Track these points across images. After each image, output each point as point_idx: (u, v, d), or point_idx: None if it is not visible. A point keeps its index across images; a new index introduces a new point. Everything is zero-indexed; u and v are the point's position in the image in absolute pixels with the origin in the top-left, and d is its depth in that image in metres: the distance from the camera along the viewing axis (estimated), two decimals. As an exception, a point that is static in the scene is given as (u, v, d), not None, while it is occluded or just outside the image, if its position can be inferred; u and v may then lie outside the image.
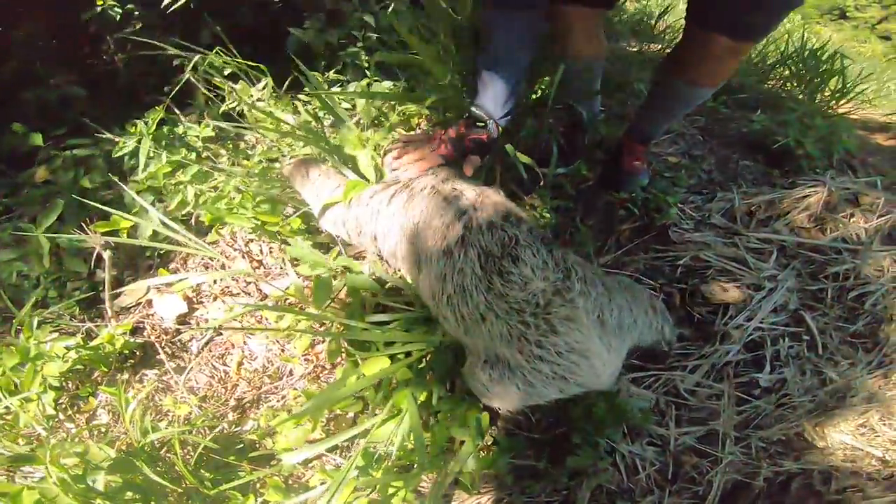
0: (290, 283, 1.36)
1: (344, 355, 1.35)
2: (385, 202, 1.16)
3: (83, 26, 2.21)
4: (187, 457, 1.30)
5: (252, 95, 1.77)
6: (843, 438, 1.21)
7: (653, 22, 3.10)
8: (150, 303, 1.62)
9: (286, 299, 1.48)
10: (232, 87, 1.83)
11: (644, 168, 1.67)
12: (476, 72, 1.36)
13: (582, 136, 1.69)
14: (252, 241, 1.66)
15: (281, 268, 1.61)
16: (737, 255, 1.53)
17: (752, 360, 1.35)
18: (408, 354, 1.19)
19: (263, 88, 1.78)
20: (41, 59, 2.22)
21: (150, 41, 1.91)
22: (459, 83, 1.63)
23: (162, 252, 1.68)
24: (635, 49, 2.88)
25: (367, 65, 2.08)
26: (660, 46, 2.88)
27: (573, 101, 1.65)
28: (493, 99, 1.34)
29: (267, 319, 1.49)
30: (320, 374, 1.44)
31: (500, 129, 1.38)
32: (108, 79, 2.26)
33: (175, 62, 2.08)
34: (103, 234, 1.51)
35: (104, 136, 1.85)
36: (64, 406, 1.48)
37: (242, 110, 1.84)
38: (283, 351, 1.48)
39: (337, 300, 1.32)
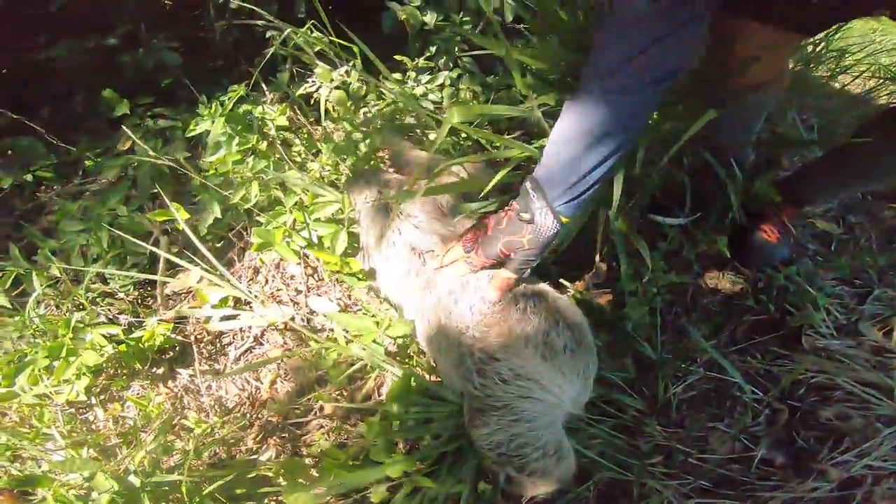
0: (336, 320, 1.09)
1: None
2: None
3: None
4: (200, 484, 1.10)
5: (332, 80, 1.49)
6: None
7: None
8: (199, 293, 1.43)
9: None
10: (319, 65, 1.56)
11: (788, 239, 1.19)
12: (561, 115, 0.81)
13: (719, 189, 1.18)
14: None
15: (336, 282, 1.35)
16: (879, 382, 1.09)
17: (839, 498, 1.00)
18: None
19: (347, 73, 1.49)
20: (147, 23, 2.10)
21: (246, 5, 1.68)
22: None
23: (219, 244, 1.48)
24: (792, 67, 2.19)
25: (458, 52, 1.73)
26: (826, 73, 2.15)
27: (723, 143, 1.13)
28: (563, 169, 0.79)
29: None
30: (350, 416, 1.17)
31: (563, 221, 0.83)
32: (205, 46, 2.10)
33: (268, 34, 1.87)
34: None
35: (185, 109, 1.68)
36: (98, 390, 1.34)
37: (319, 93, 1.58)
38: (319, 381, 1.22)
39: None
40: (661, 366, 1.10)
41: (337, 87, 1.49)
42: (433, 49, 1.75)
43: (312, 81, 1.53)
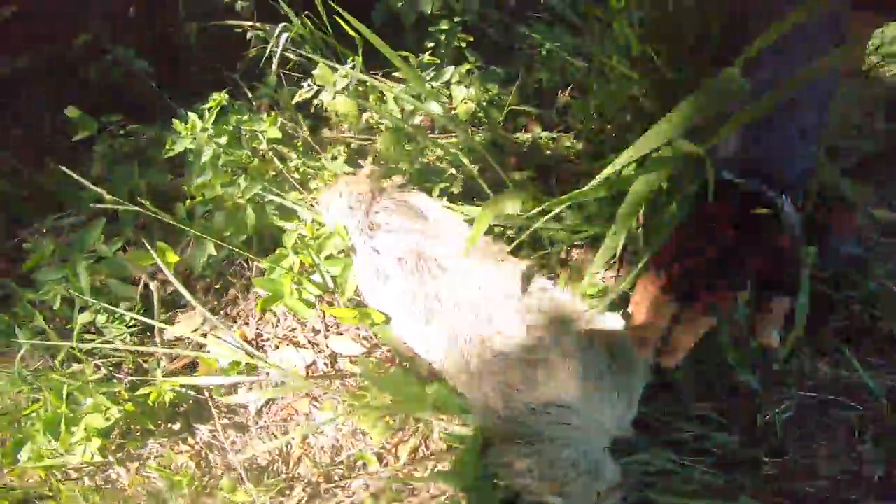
0: (365, 366, 0.88)
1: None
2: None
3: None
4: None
5: (335, 83, 1.23)
6: None
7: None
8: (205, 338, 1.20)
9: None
10: (320, 64, 1.28)
11: (856, 231, 0.99)
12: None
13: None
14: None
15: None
16: None
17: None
18: None
19: (347, 75, 1.23)
20: (114, 30, 1.78)
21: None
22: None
23: (219, 285, 1.24)
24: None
25: (463, 44, 1.47)
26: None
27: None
28: (794, 146, 0.55)
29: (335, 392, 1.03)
30: (400, 473, 0.97)
31: (798, 205, 0.56)
32: (181, 52, 1.79)
33: (248, 35, 1.59)
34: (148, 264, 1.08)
35: (162, 126, 1.40)
36: (114, 447, 1.13)
37: (320, 100, 1.31)
38: (354, 433, 1.02)
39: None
40: (756, 389, 0.91)
41: (339, 92, 1.22)
42: (432, 44, 1.46)
43: (309, 85, 1.26)
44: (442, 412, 0.83)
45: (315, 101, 1.30)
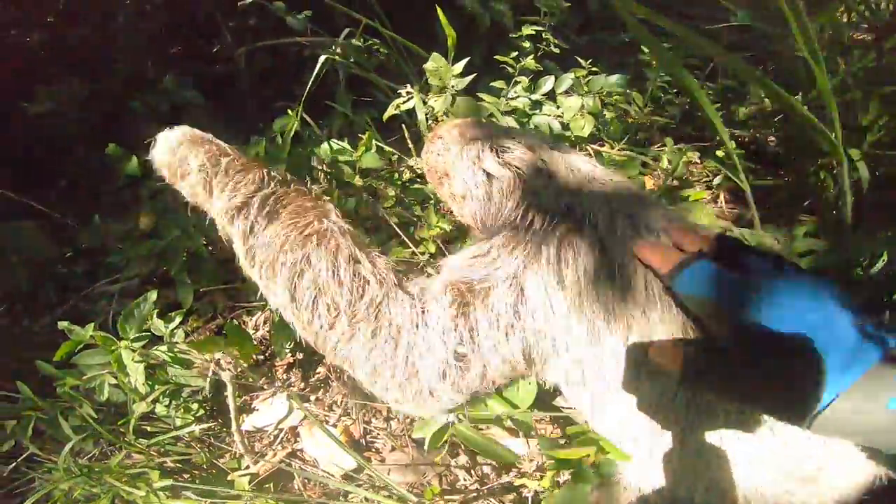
0: None
1: None
2: None
3: (194, 15, 1.40)
4: None
5: (451, 81, 0.85)
6: None
7: None
8: (295, 431, 0.84)
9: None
10: (433, 55, 0.90)
11: None
12: None
13: None
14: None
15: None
16: None
17: None
18: None
19: (462, 74, 0.86)
20: (153, 60, 1.44)
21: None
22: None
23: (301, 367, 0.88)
24: None
25: (557, 51, 1.10)
26: None
27: None
28: None
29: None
30: None
31: None
32: (228, 80, 1.45)
33: (306, 52, 1.24)
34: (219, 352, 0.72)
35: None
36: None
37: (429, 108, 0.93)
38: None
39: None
40: None
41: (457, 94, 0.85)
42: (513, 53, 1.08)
43: (408, 93, 0.89)
44: None
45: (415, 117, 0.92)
